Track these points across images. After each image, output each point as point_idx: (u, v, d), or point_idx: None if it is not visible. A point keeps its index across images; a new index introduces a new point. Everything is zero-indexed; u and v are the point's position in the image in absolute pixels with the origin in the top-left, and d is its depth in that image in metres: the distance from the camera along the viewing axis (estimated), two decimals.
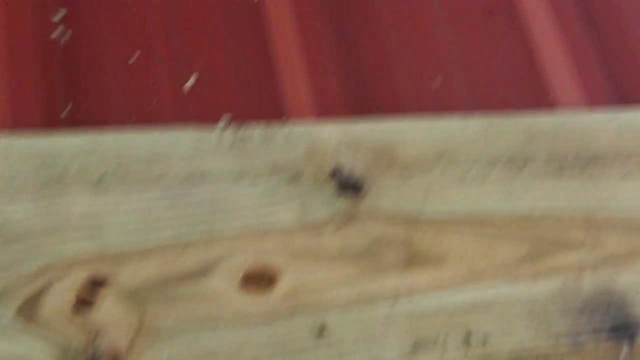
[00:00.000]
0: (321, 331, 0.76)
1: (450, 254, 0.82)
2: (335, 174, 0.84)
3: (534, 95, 1.00)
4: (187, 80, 0.93)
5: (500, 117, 0.90)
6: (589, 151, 0.90)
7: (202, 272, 0.76)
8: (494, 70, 1.01)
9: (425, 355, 0.76)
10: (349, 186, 0.84)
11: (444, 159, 0.87)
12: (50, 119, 0.87)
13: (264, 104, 0.93)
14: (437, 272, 0.81)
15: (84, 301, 0.73)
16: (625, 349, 0.79)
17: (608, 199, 0.87)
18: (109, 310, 0.73)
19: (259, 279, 0.78)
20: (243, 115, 0.91)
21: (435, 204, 0.84)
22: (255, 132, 0.84)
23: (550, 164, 0.88)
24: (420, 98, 0.97)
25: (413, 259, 0.81)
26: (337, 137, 0.86)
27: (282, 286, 0.77)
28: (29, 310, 0.72)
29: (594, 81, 1.01)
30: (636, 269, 0.83)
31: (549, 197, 0.86)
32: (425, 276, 0.80)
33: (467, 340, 0.78)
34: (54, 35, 0.92)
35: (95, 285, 0.74)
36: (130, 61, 0.93)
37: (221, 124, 0.87)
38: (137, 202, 0.79)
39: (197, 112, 0.90)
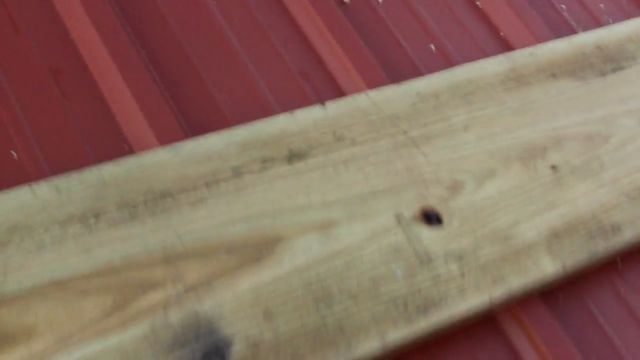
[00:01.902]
0: None
1: (39, 325, 0.83)
2: None
3: (112, 147, 1.03)
4: None
5: (66, 177, 0.92)
6: (159, 188, 0.94)
7: None
8: (69, 131, 1.02)
9: None
10: None
11: (17, 231, 0.88)
12: None
13: None
14: (27, 348, 0.82)
15: None
16: None
17: (182, 231, 0.92)
18: None
19: None
20: None
21: (16, 279, 0.86)
22: None
23: (123, 210, 0.91)
24: None
25: (1, 341, 0.81)
26: None
27: None
28: None
29: (165, 122, 1.06)
30: (217, 292, 0.89)
31: (125, 243, 0.90)
32: (15, 355, 0.81)
33: None
34: None
35: None
36: None
37: None
38: None
39: None
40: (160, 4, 1.18)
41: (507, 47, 1.34)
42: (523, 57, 1.23)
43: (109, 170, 0.94)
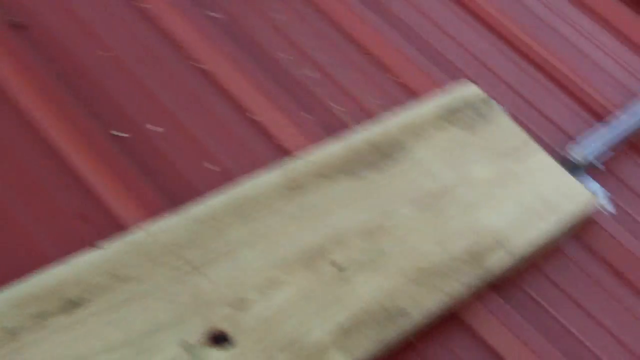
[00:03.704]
0: None
1: None
2: None
3: None
4: None
5: None
6: None
7: None
8: None
9: None
10: None
11: None
12: None
13: None
14: None
15: None
16: None
17: None
18: None
19: None
20: None
21: None
22: None
23: None
24: None
25: None
26: None
27: None
28: None
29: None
30: None
31: None
32: None
33: None
34: None
35: None
36: None
37: None
38: None
39: None
40: None
41: (284, 153, 1.38)
42: (296, 164, 1.26)
43: None
